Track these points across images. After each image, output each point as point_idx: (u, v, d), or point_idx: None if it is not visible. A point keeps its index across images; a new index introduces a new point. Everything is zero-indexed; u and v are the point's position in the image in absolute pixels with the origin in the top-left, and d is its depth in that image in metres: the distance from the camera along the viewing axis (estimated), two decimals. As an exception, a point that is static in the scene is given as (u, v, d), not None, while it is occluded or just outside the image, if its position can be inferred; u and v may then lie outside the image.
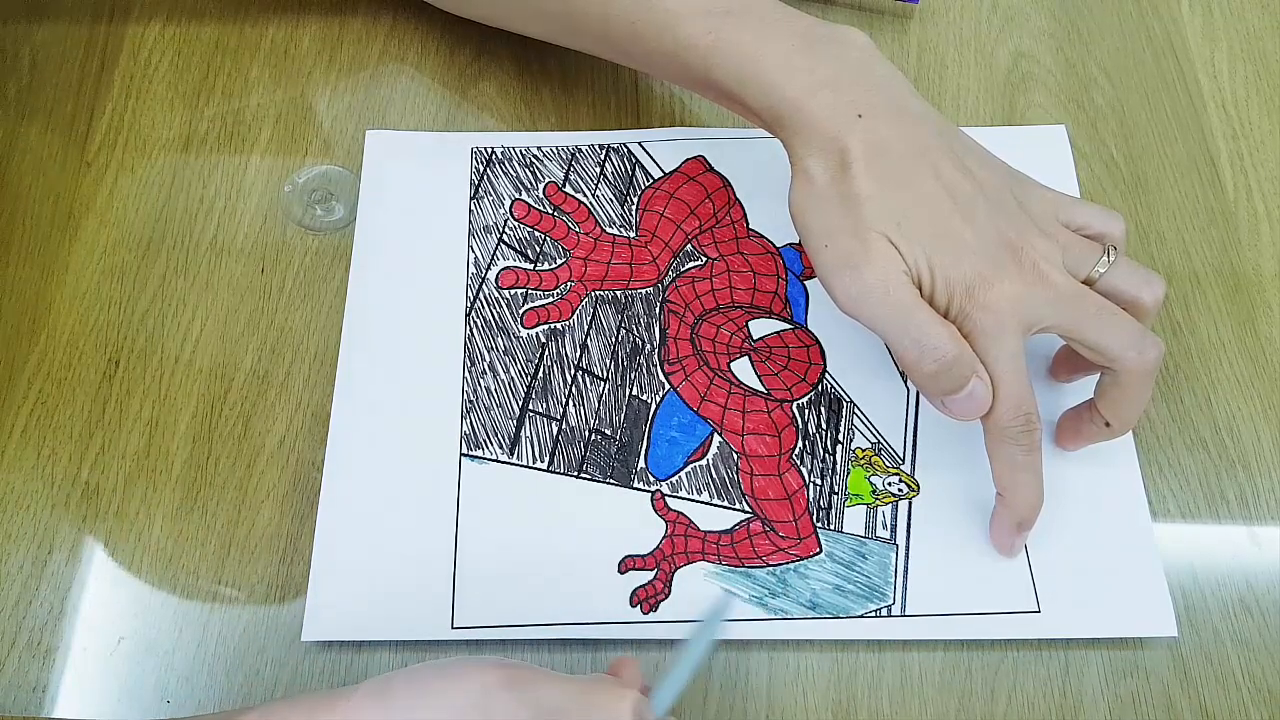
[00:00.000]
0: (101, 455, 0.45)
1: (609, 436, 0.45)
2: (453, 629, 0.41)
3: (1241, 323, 0.48)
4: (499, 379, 0.46)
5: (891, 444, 0.45)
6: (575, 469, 0.44)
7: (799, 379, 0.46)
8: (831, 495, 0.44)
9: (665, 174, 0.51)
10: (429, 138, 0.52)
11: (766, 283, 0.49)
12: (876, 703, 0.41)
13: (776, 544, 0.43)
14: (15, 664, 0.41)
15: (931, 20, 0.56)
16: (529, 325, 0.47)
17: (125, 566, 0.43)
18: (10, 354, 0.47)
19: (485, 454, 0.44)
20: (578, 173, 0.51)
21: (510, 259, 0.49)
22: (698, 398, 0.46)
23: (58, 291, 0.48)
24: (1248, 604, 0.43)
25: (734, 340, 0.47)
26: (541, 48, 0.54)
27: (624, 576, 0.42)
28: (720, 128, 0.53)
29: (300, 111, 0.53)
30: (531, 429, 0.45)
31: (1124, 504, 0.44)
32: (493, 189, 0.51)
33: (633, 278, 0.49)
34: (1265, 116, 0.54)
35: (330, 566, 0.42)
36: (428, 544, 0.43)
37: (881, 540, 0.43)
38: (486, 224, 0.50)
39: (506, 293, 0.48)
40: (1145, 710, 0.41)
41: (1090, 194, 0.51)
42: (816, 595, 0.42)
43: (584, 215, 0.50)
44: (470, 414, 0.45)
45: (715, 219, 0.50)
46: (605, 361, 0.47)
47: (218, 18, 0.55)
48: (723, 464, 0.45)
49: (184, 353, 0.47)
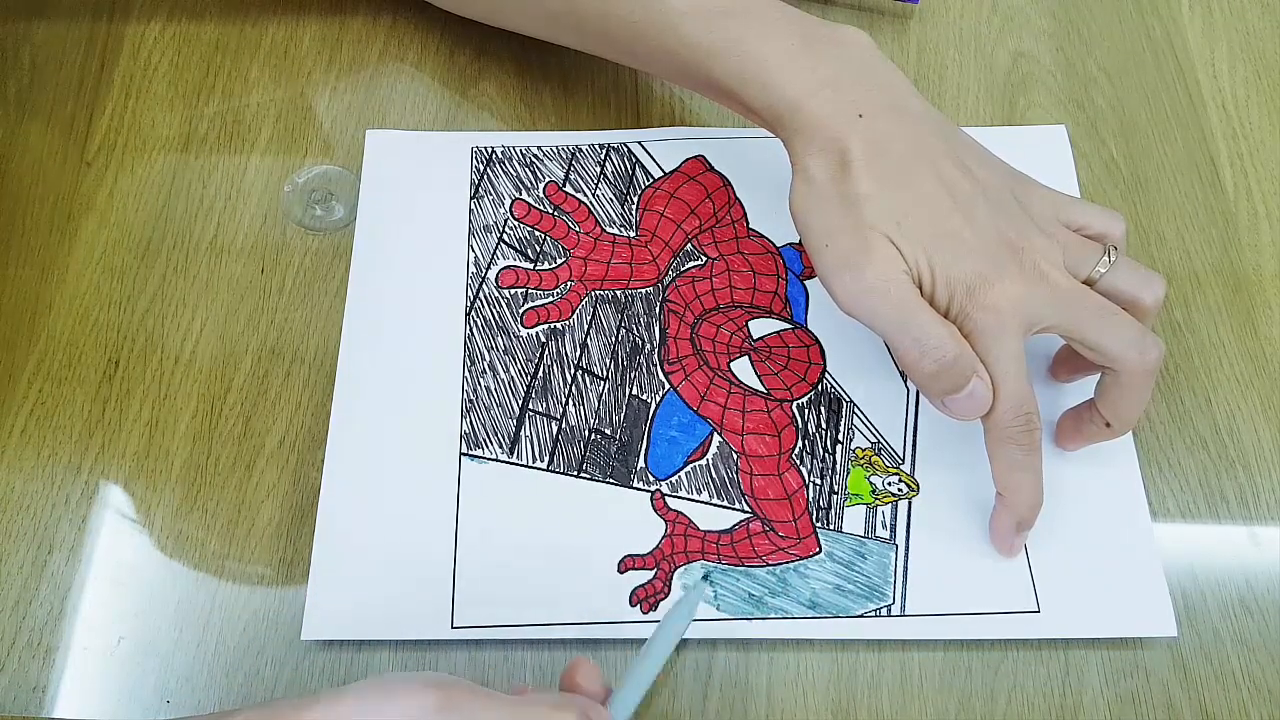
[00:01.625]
0: (101, 455, 0.45)
1: (609, 436, 0.45)
2: (452, 628, 0.41)
3: (1241, 323, 0.48)
4: (499, 378, 0.46)
5: (891, 444, 0.45)
6: (575, 468, 0.44)
7: (799, 379, 0.46)
8: (831, 495, 0.44)
9: (665, 173, 0.51)
10: (429, 137, 0.52)
11: (766, 282, 0.48)
12: (876, 703, 0.41)
13: (776, 544, 0.43)
14: (15, 664, 0.41)
15: (931, 20, 0.56)
16: (529, 325, 0.47)
17: (125, 566, 0.43)
18: (10, 354, 0.47)
19: (485, 453, 0.44)
20: (578, 172, 0.51)
21: (510, 258, 0.49)
22: (698, 397, 0.46)
23: (58, 291, 0.48)
24: (1248, 604, 0.43)
25: (734, 340, 0.47)
26: (542, 48, 0.54)
27: (623, 576, 0.42)
28: (721, 127, 0.53)
29: (300, 111, 0.53)
30: (531, 428, 0.45)
31: (1124, 504, 0.43)
32: (493, 188, 0.51)
33: (633, 277, 0.49)
34: (1265, 116, 0.54)
35: (330, 565, 0.42)
36: (427, 543, 0.43)
37: (881, 540, 0.43)
38: (486, 223, 0.50)
39: (506, 292, 0.48)
40: (1145, 710, 0.41)
41: (1090, 194, 0.51)
42: (816, 595, 0.42)
43: (584, 215, 0.50)
44: (470, 413, 0.45)
45: (715, 218, 0.50)
46: (605, 361, 0.47)
47: (218, 18, 0.55)
48: (722, 464, 0.44)
49: (184, 353, 0.47)
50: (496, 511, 0.43)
